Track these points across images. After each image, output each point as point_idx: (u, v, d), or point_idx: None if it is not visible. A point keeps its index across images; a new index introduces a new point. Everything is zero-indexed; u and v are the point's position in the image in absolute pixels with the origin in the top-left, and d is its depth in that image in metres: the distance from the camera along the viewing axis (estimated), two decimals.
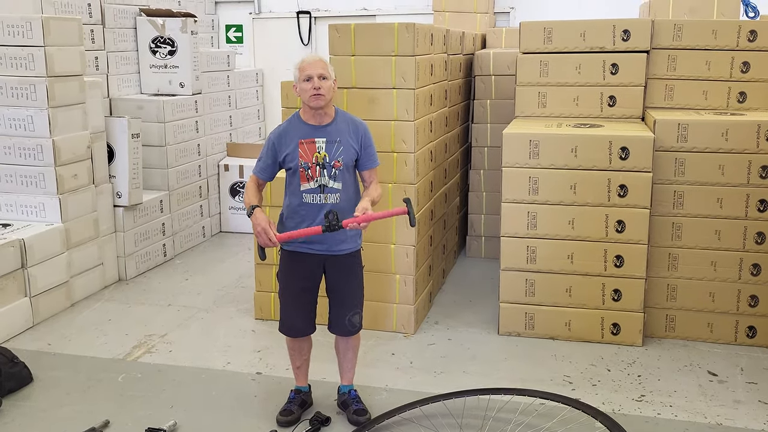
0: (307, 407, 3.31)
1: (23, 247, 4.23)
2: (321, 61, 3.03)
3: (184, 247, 5.92)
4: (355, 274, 3.19)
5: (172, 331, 4.25)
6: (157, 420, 3.18)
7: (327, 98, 3.00)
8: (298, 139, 3.04)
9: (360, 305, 3.22)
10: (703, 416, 3.26)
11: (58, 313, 4.52)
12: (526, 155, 4.00)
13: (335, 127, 3.06)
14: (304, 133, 3.05)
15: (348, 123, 3.10)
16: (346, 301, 3.17)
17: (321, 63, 3.02)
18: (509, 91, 5.31)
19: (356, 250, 3.17)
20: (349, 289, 3.18)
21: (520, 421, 3.14)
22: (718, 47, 4.34)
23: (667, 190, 4.01)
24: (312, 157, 3.02)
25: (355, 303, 3.19)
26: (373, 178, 3.15)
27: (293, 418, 3.20)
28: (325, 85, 2.97)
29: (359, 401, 3.26)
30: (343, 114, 3.14)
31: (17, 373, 3.52)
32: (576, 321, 4.06)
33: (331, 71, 3.04)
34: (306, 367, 3.34)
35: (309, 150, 3.03)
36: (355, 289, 3.20)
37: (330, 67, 3.05)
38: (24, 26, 4.34)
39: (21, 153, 4.50)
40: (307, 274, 3.13)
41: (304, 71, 3.00)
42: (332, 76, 3.03)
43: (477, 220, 5.68)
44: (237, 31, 7.61)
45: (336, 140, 3.04)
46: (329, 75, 3.01)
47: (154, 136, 5.61)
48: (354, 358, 3.31)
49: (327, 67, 3.02)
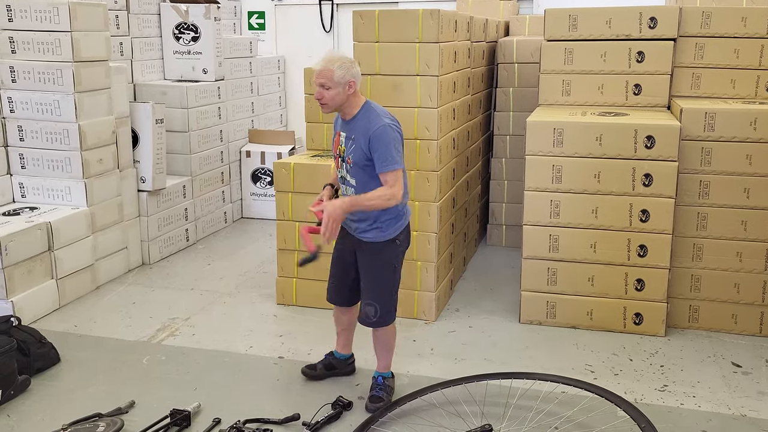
0: (333, 371, 3.49)
1: (50, 230, 4.29)
2: (326, 69, 2.94)
3: (207, 233, 5.97)
4: (374, 265, 3.15)
5: (195, 315, 4.30)
6: (182, 401, 3.22)
7: (331, 106, 3.00)
8: (336, 128, 3.20)
9: (375, 299, 3.14)
10: (727, 407, 3.24)
11: (84, 295, 4.58)
12: (550, 143, 3.98)
13: (355, 124, 3.05)
14: (339, 124, 3.18)
15: (365, 123, 3.00)
16: (363, 289, 3.21)
17: (325, 71, 2.94)
18: (532, 79, 5.28)
19: (378, 242, 3.11)
20: (366, 278, 3.19)
21: (541, 408, 3.15)
22: (747, 35, 4.27)
23: (693, 180, 3.96)
24: (337, 149, 3.15)
25: (369, 294, 3.16)
26: (385, 182, 2.98)
27: (314, 374, 3.46)
28: (327, 94, 2.96)
29: (381, 389, 3.25)
30: (366, 112, 3.04)
31: (45, 353, 3.59)
32: (598, 310, 4.05)
33: (337, 76, 2.92)
34: (343, 338, 3.49)
35: (336, 141, 3.16)
36: (371, 280, 3.16)
37: (339, 71, 2.92)
38: (51, 11, 4.38)
39: (48, 137, 4.56)
40: (342, 246, 3.26)
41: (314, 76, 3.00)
42: (341, 81, 2.93)
43: (498, 209, 5.66)
44: (259, 17, 7.62)
45: (352, 137, 3.05)
46: (333, 83, 2.93)
47: (177, 121, 5.65)
48: (383, 350, 3.29)
49: (332, 74, 2.92)
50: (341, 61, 2.96)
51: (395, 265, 3.17)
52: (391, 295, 3.18)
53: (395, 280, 3.19)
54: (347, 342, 3.51)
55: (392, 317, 3.22)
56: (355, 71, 2.99)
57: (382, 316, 3.17)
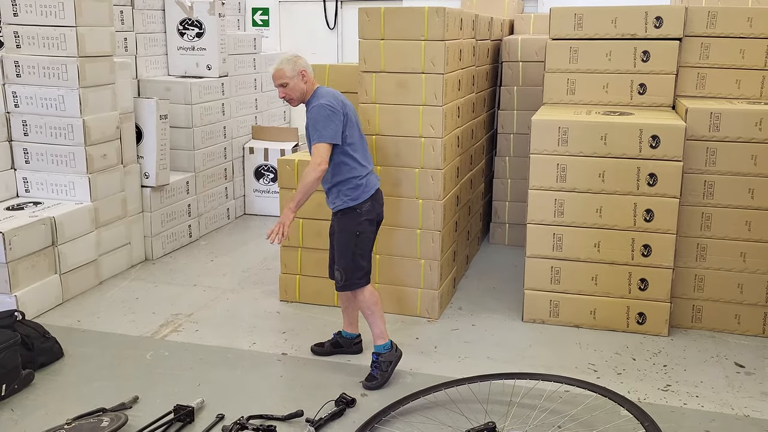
0: (340, 349, 3.71)
1: (54, 225, 4.30)
2: (277, 70, 3.33)
3: (209, 229, 5.97)
4: (339, 233, 3.45)
5: (198, 311, 4.30)
6: (185, 397, 3.23)
7: (297, 98, 3.38)
8: None
9: (340, 264, 3.43)
10: (730, 407, 3.24)
11: (87, 290, 4.59)
12: (554, 142, 3.97)
13: (307, 110, 3.40)
14: None
15: (311, 103, 3.36)
16: (334, 256, 3.49)
17: (277, 73, 3.33)
18: (536, 77, 5.27)
19: (342, 211, 3.41)
20: (333, 246, 3.50)
21: (545, 407, 3.15)
22: (753, 35, 4.27)
23: (698, 180, 3.96)
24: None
25: (337, 260, 3.46)
26: (311, 154, 3.30)
27: (321, 350, 3.71)
28: (287, 89, 3.35)
29: (376, 366, 3.44)
30: (314, 94, 3.39)
31: (49, 348, 3.59)
32: (601, 309, 4.05)
33: (288, 71, 3.31)
34: (347, 316, 3.71)
35: None
36: (337, 247, 3.46)
37: (287, 67, 3.31)
38: (56, 6, 4.38)
39: (52, 132, 4.56)
40: (330, 225, 3.57)
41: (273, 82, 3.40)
42: (293, 73, 3.31)
43: (501, 207, 5.66)
44: (263, 14, 7.62)
45: (306, 120, 3.40)
46: (288, 78, 3.32)
47: (181, 117, 5.64)
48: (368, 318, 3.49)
49: (284, 72, 3.31)
50: (287, 58, 3.36)
51: (357, 232, 3.42)
52: (353, 260, 3.42)
53: (358, 247, 3.42)
54: (353, 320, 3.72)
55: (360, 282, 3.45)
56: (302, 62, 3.36)
57: (347, 281, 3.44)
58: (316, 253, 4.27)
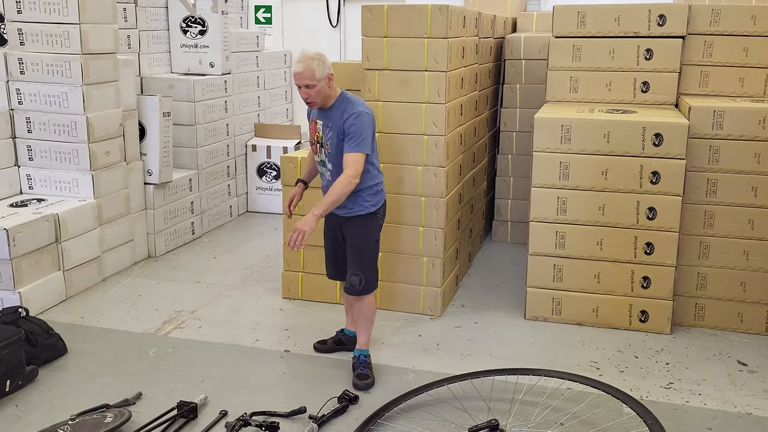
0: (343, 346, 3.70)
1: (57, 222, 4.30)
2: (306, 69, 3.12)
3: (212, 226, 5.98)
4: (361, 239, 3.39)
5: (201, 308, 4.31)
6: (188, 394, 3.24)
7: (318, 101, 3.22)
8: (312, 117, 3.40)
9: (360, 268, 3.38)
10: (733, 405, 3.25)
11: (90, 287, 4.60)
12: (557, 140, 3.97)
13: (332, 113, 3.26)
14: (315, 113, 3.37)
15: (342, 109, 3.23)
16: (350, 261, 3.43)
17: (306, 72, 3.12)
18: (539, 75, 5.27)
19: (360, 215, 3.35)
20: (353, 251, 3.42)
21: (547, 404, 3.15)
22: (756, 33, 4.26)
23: (701, 178, 3.96)
24: (315, 136, 3.38)
25: (356, 265, 3.39)
26: (347, 163, 3.18)
27: (324, 348, 3.73)
28: (313, 92, 3.17)
29: (365, 366, 3.44)
30: (342, 99, 3.27)
31: (52, 344, 3.60)
32: (604, 307, 4.05)
33: (318, 73, 3.12)
34: (350, 314, 3.70)
35: (313, 129, 3.39)
36: (358, 252, 3.40)
37: (318, 68, 3.12)
38: (60, 3, 4.38)
39: (55, 129, 4.57)
40: (330, 225, 3.51)
41: (294, 78, 3.20)
42: (322, 76, 3.14)
43: (504, 205, 5.66)
44: (266, 11, 7.62)
45: (329, 125, 3.27)
46: (316, 80, 3.13)
47: (183, 115, 5.65)
48: (365, 323, 3.50)
49: (314, 74, 3.12)
50: (318, 58, 3.16)
51: (376, 237, 3.44)
52: (373, 265, 3.44)
53: (376, 252, 3.45)
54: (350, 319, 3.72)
55: (374, 285, 3.46)
56: (329, 64, 3.21)
57: (366, 285, 3.40)
58: (319, 250, 4.26)
